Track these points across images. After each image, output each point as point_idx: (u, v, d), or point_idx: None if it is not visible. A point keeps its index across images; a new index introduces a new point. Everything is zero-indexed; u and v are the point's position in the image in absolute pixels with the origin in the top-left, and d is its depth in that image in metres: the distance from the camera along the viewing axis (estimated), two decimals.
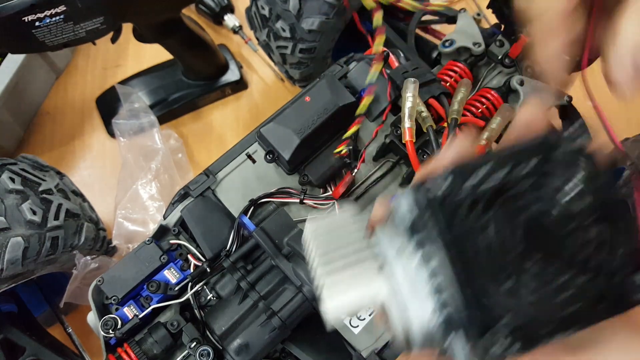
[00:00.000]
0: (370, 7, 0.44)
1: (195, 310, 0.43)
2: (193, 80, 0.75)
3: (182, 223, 0.47)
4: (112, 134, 0.73)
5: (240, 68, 0.78)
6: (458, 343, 0.18)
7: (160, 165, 0.67)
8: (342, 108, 0.47)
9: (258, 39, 0.68)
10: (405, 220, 0.20)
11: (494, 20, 0.58)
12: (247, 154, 0.50)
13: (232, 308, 0.41)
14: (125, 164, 0.68)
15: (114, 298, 0.43)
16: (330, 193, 0.48)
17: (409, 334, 0.20)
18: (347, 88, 0.50)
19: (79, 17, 0.52)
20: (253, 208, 0.46)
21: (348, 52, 0.53)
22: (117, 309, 0.43)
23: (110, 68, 0.81)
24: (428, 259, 0.19)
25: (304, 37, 0.59)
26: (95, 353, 0.57)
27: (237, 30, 0.80)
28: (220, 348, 0.41)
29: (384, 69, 0.49)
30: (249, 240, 0.44)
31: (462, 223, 0.18)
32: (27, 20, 0.49)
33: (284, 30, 0.60)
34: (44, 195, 0.50)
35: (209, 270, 0.43)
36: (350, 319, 0.45)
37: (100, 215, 0.60)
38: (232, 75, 0.76)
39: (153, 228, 0.48)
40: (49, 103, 0.78)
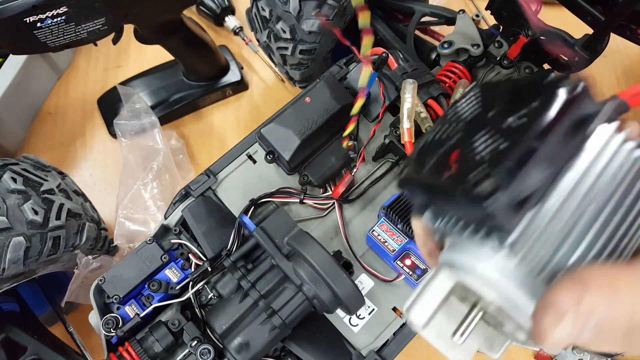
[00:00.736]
0: (357, 3, 0.42)
1: (196, 309, 0.43)
2: (194, 81, 0.76)
3: (183, 223, 0.47)
4: (113, 135, 0.74)
5: (241, 69, 0.78)
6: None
7: (162, 166, 0.67)
8: (342, 109, 0.47)
9: (258, 40, 0.68)
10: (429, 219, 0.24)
11: (493, 22, 0.58)
12: (247, 154, 0.50)
13: (232, 307, 0.42)
14: (127, 164, 0.68)
15: (116, 297, 0.43)
16: (330, 193, 0.48)
17: (482, 273, 0.21)
18: (347, 89, 0.50)
19: (81, 18, 0.52)
20: (253, 208, 0.46)
21: (348, 53, 0.54)
22: (118, 308, 0.44)
23: (112, 69, 0.81)
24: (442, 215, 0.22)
25: (304, 38, 0.59)
26: (97, 352, 0.57)
27: (237, 32, 0.80)
28: (221, 347, 0.41)
29: (384, 70, 0.50)
30: (250, 240, 0.44)
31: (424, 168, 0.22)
32: (28, 21, 0.49)
33: (284, 32, 0.60)
34: (46, 195, 0.50)
35: (210, 270, 0.44)
36: (350, 318, 0.45)
37: (102, 215, 0.60)
38: (232, 76, 0.77)
39: (154, 228, 0.48)
40: (51, 103, 0.78)
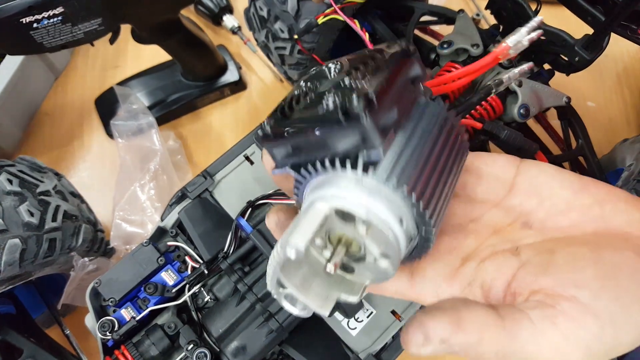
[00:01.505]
0: None
1: (193, 313, 0.43)
2: (192, 81, 0.75)
3: (179, 225, 0.47)
4: (110, 135, 0.73)
5: (239, 69, 0.78)
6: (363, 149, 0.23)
7: (159, 167, 0.67)
8: None
9: (257, 40, 0.68)
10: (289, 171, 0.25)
11: (493, 21, 0.57)
12: (244, 156, 0.49)
13: (229, 310, 0.41)
14: (124, 165, 0.68)
15: (112, 300, 0.43)
16: None
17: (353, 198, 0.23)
18: None
19: (77, 18, 0.51)
20: (250, 210, 0.46)
21: (347, 53, 0.53)
22: (114, 311, 0.43)
23: (109, 69, 0.81)
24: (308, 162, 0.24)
25: (303, 38, 0.59)
26: (93, 355, 0.57)
27: (236, 31, 0.80)
28: (218, 350, 0.41)
29: None
30: (247, 242, 0.44)
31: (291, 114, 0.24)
32: (25, 22, 0.49)
33: (283, 31, 0.60)
34: (42, 197, 0.50)
35: (207, 272, 0.43)
36: (348, 321, 0.45)
37: (99, 217, 0.60)
38: (231, 76, 0.76)
39: (151, 229, 0.48)
40: (48, 104, 0.78)
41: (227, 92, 0.77)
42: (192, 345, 0.41)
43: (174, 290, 0.44)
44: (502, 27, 0.56)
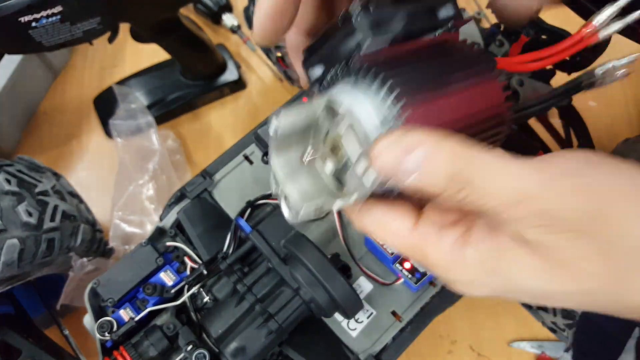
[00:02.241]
0: None
1: (192, 313, 0.43)
2: (191, 80, 0.75)
3: (178, 225, 0.46)
4: (109, 135, 0.73)
5: (239, 68, 0.77)
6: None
7: (158, 166, 0.67)
8: None
9: None
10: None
11: (494, 20, 0.57)
12: (244, 155, 0.49)
13: (228, 311, 0.41)
14: (123, 165, 0.68)
15: (110, 300, 0.43)
16: None
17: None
18: None
19: (76, 17, 0.51)
20: (250, 210, 0.46)
21: None
22: (113, 312, 0.43)
23: (108, 68, 0.80)
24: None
25: None
26: (92, 355, 0.56)
27: (235, 30, 0.79)
28: (217, 351, 0.41)
29: None
30: (246, 243, 0.43)
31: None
32: (23, 21, 0.49)
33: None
34: (40, 197, 0.50)
35: (206, 273, 0.43)
36: (348, 322, 0.45)
37: (97, 217, 0.60)
38: (230, 75, 0.76)
39: (150, 230, 0.48)
40: (47, 103, 0.78)
41: (226, 91, 0.77)
42: (191, 346, 0.40)
43: (173, 291, 0.43)
44: (503, 26, 0.56)
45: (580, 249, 0.20)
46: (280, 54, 0.66)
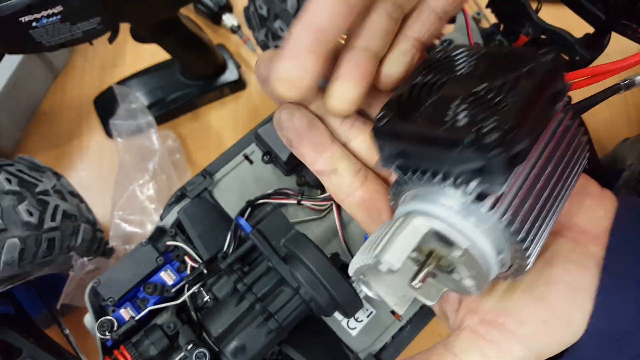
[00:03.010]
0: None
1: (192, 312, 0.43)
2: (191, 80, 0.75)
3: (179, 224, 0.47)
4: (109, 135, 0.73)
5: (239, 68, 0.77)
6: (480, 182, 0.21)
7: (158, 166, 0.67)
8: None
9: (256, 39, 0.68)
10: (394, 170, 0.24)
11: (494, 20, 0.57)
12: (244, 155, 0.49)
13: (228, 310, 0.41)
14: (123, 165, 0.68)
15: (111, 300, 0.43)
16: (328, 194, 0.48)
17: (459, 227, 0.22)
18: None
19: (76, 17, 0.51)
20: (250, 209, 0.46)
21: None
22: (113, 311, 0.43)
23: (108, 68, 0.80)
24: (418, 171, 0.23)
25: None
26: (92, 355, 0.57)
27: (235, 30, 0.80)
28: (217, 350, 0.41)
29: None
30: (246, 242, 0.43)
31: (409, 119, 0.23)
32: (23, 21, 0.49)
33: (283, 30, 0.60)
34: (41, 197, 0.50)
35: (206, 272, 0.43)
36: (348, 321, 0.45)
37: (98, 217, 0.60)
38: (230, 75, 0.76)
39: (150, 229, 0.48)
40: (47, 103, 0.78)
41: (226, 91, 0.77)
42: (191, 345, 0.40)
43: (173, 290, 0.43)
44: (502, 26, 0.56)
45: None
46: None
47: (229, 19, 0.80)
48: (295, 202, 0.47)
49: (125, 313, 0.43)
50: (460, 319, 0.27)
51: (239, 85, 0.77)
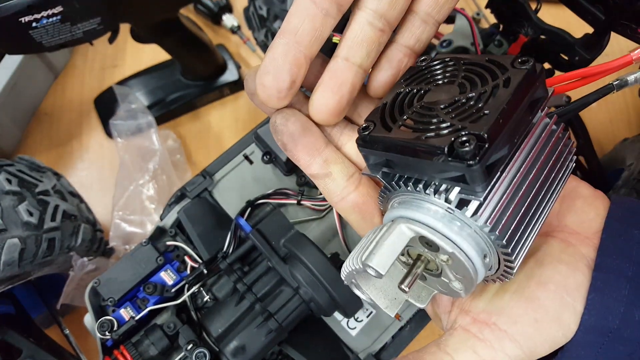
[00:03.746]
0: None
1: (192, 312, 0.43)
2: (191, 81, 0.75)
3: (179, 224, 0.47)
4: (109, 135, 0.73)
5: (239, 68, 0.77)
6: (461, 190, 0.22)
7: (158, 166, 0.67)
8: None
9: (256, 39, 0.68)
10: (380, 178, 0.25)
11: (493, 20, 0.57)
12: (244, 155, 0.49)
13: (228, 310, 0.41)
14: (123, 165, 0.68)
15: (111, 300, 0.43)
16: None
17: (443, 231, 0.23)
18: None
19: (76, 17, 0.51)
20: (250, 209, 0.46)
21: None
22: (113, 311, 0.43)
23: (108, 68, 0.80)
24: (402, 178, 0.24)
25: None
26: (92, 354, 0.57)
27: (235, 30, 0.80)
28: (217, 350, 0.41)
29: None
30: (246, 242, 0.43)
31: (392, 128, 0.23)
32: (24, 22, 0.49)
33: None
34: (41, 197, 0.50)
35: (206, 272, 0.43)
36: (348, 321, 0.45)
37: (98, 217, 0.60)
38: (230, 76, 0.76)
39: (150, 229, 0.48)
40: (47, 104, 0.78)
41: (226, 91, 0.77)
42: (191, 345, 0.40)
43: (173, 290, 0.43)
44: (502, 26, 0.56)
45: None
46: None
47: (229, 20, 0.80)
48: (295, 202, 0.47)
49: (125, 313, 0.43)
50: (453, 319, 0.28)
51: (239, 86, 0.77)
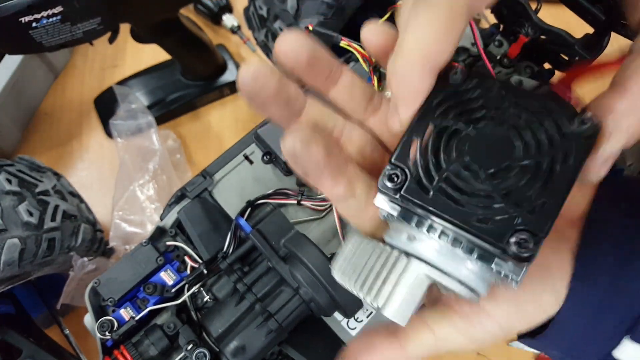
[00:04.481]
0: None
1: (192, 312, 0.43)
2: (191, 81, 0.75)
3: (179, 224, 0.47)
4: (109, 135, 0.73)
5: (239, 68, 0.77)
6: (501, 263, 0.21)
7: (158, 166, 0.67)
8: None
9: (256, 39, 0.68)
10: (396, 218, 0.23)
11: (493, 20, 0.57)
12: (244, 155, 0.49)
13: (228, 310, 0.41)
14: (123, 165, 0.68)
15: (111, 300, 0.43)
16: None
17: (469, 285, 0.22)
18: None
19: (76, 17, 0.51)
20: (250, 209, 0.46)
21: (346, 53, 0.53)
22: (113, 311, 0.43)
23: (108, 68, 0.80)
24: (433, 228, 0.22)
25: None
26: (93, 355, 0.57)
27: (235, 30, 0.80)
28: (217, 350, 0.41)
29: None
30: (246, 242, 0.43)
31: (430, 191, 0.21)
32: (24, 22, 0.49)
33: (282, 31, 0.60)
34: (41, 197, 0.50)
35: (206, 272, 0.43)
36: (348, 321, 0.45)
37: (98, 217, 0.60)
38: (230, 76, 0.76)
39: (150, 229, 0.48)
40: (47, 104, 0.78)
41: (226, 91, 0.77)
42: (191, 345, 0.40)
43: (173, 290, 0.43)
44: (502, 26, 0.56)
45: None
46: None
47: (229, 20, 0.80)
48: (295, 202, 0.47)
49: (125, 313, 0.43)
50: (438, 294, 0.28)
51: None
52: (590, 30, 0.48)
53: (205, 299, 0.44)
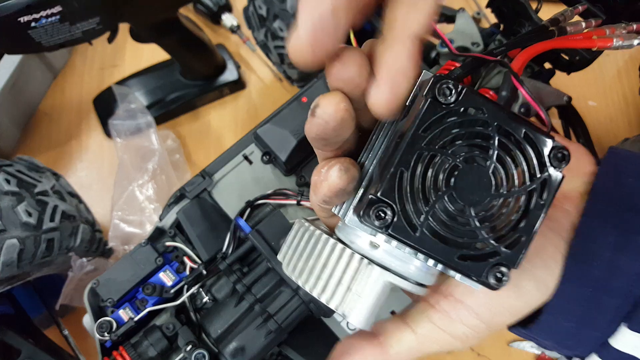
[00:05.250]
0: None
1: (191, 313, 0.43)
2: (191, 80, 0.75)
3: (178, 225, 0.46)
4: (109, 135, 0.73)
5: (238, 68, 0.77)
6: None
7: (157, 166, 0.67)
8: None
9: (256, 39, 0.68)
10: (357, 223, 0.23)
11: (494, 20, 0.57)
12: (243, 155, 0.49)
13: (228, 311, 0.41)
14: (122, 165, 0.68)
15: (110, 300, 0.43)
16: None
17: (424, 283, 0.25)
18: None
19: (75, 17, 0.51)
20: (249, 210, 0.46)
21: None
22: (112, 312, 0.43)
23: (108, 68, 0.80)
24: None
25: None
26: (91, 355, 0.56)
27: (235, 30, 0.79)
28: (216, 351, 0.41)
29: None
30: (245, 243, 0.43)
31: (417, 229, 0.22)
32: (22, 21, 0.49)
33: (282, 30, 0.60)
34: (40, 197, 0.50)
35: (205, 273, 0.43)
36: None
37: (97, 217, 0.60)
38: (230, 75, 0.76)
39: (149, 230, 0.47)
40: (46, 103, 0.77)
41: (226, 91, 0.77)
42: (190, 346, 0.40)
43: (173, 291, 0.43)
44: (502, 26, 0.56)
45: None
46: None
47: (229, 19, 0.80)
48: (295, 202, 0.47)
49: (124, 314, 0.43)
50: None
51: (239, 85, 0.77)
52: None
53: (205, 300, 0.44)
